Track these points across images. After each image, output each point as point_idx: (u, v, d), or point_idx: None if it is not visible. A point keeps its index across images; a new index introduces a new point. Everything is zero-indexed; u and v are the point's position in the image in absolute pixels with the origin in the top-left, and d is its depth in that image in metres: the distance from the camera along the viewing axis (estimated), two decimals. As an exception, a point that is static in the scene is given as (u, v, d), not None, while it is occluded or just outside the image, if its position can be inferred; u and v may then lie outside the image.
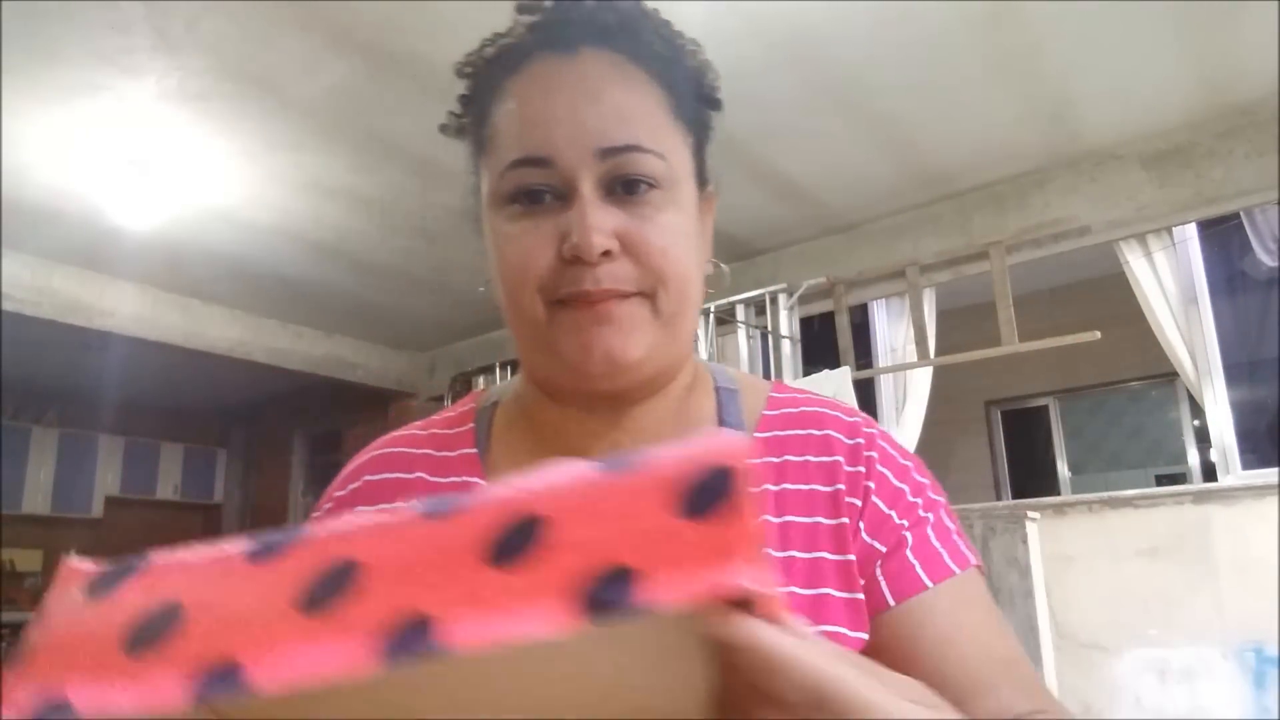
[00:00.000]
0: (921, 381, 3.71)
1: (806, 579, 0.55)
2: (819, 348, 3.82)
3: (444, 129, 0.69)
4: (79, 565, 0.33)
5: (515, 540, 0.29)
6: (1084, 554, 2.90)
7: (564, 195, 0.55)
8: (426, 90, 2.70)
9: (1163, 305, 3.17)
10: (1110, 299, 3.71)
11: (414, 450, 0.67)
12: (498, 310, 0.61)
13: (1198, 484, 3.85)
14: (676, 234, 0.56)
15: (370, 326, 5.03)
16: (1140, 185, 3.16)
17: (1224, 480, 3.03)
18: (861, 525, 0.57)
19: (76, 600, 0.32)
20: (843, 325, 3.75)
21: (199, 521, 6.98)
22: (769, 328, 3.76)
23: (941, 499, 0.61)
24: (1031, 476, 5.22)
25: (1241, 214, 3.11)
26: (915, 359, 3.63)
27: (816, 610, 0.54)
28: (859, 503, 0.58)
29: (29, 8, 2.29)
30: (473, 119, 0.66)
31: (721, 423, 0.63)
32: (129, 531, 6.33)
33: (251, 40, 2.47)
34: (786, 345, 3.72)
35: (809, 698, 0.28)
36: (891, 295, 3.78)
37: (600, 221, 0.53)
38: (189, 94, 2.71)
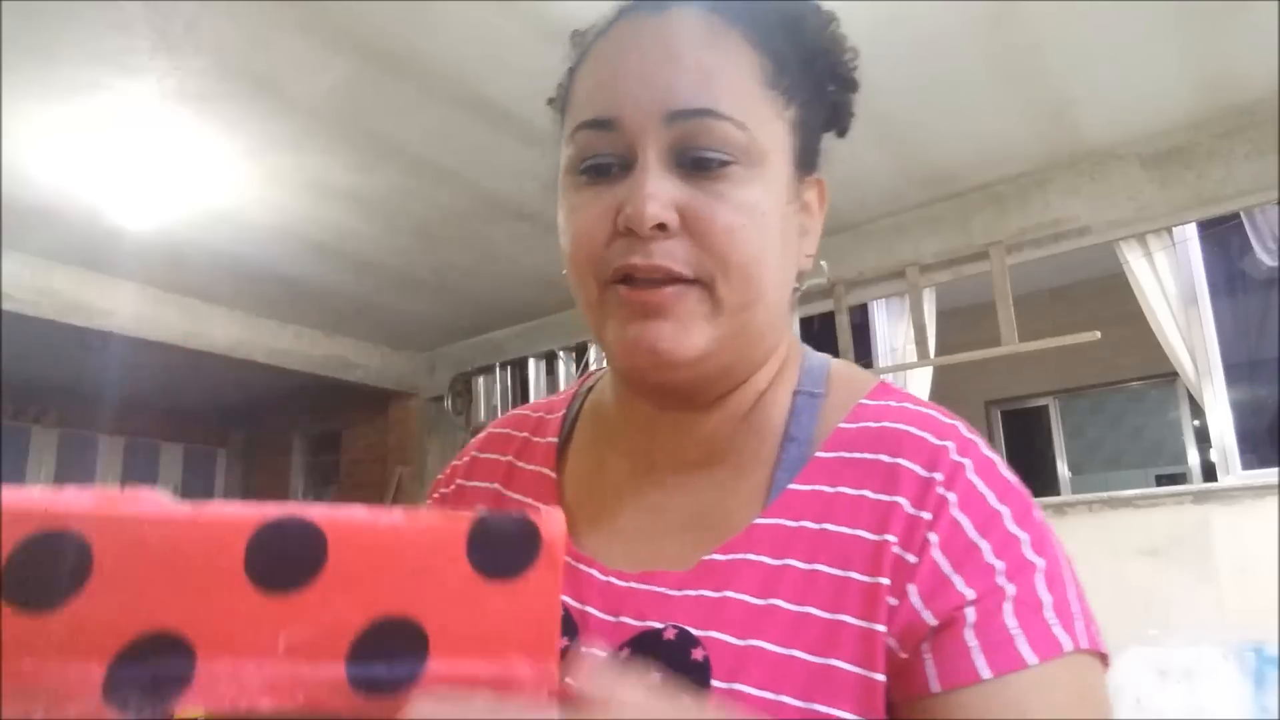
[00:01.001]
0: (921, 381, 3.71)
1: (817, 643, 0.45)
2: (819, 348, 3.73)
3: (551, 102, 0.61)
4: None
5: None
6: (1084, 554, 2.87)
7: (629, 165, 0.49)
8: (426, 90, 2.70)
9: (1163, 305, 3.17)
10: (1110, 299, 3.71)
11: (516, 433, 0.65)
12: (497, 310, 0.59)
13: (1198, 484, 3.85)
14: (751, 215, 0.48)
15: (370, 326, 5.03)
16: (1140, 185, 3.16)
17: (1224, 480, 3.03)
18: (912, 588, 0.45)
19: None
20: (843, 325, 3.75)
21: (199, 521, 6.99)
22: (769, 328, 3.76)
23: (1043, 560, 0.46)
24: (1031, 476, 5.14)
25: (1241, 214, 3.11)
26: (915, 359, 3.63)
27: (817, 683, 0.44)
28: (913, 559, 0.46)
29: (29, 8, 2.29)
30: (562, 86, 0.58)
31: (788, 437, 0.54)
32: (129, 531, 6.34)
33: (251, 40, 2.47)
34: (786, 345, 3.72)
35: None
36: (891, 295, 3.78)
37: (658, 190, 0.47)
38: (189, 94, 2.71)
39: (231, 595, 0.28)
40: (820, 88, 0.56)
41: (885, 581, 0.45)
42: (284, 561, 0.29)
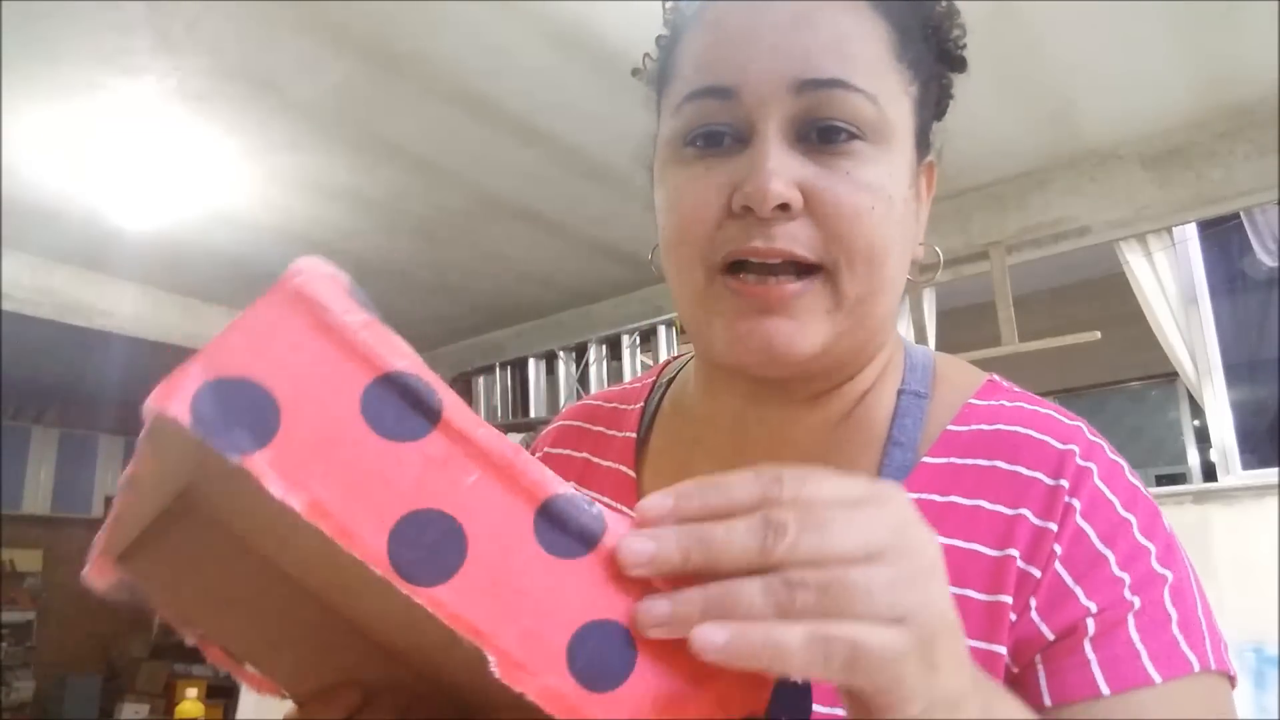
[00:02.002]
0: (921, 381, 3.70)
1: None
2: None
3: (635, 72, 0.56)
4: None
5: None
6: (1084, 554, 2.90)
7: (745, 138, 0.45)
8: (426, 90, 2.70)
9: (1163, 305, 3.17)
10: (1110, 299, 3.71)
11: (590, 426, 0.60)
12: (497, 310, 0.56)
13: (1198, 484, 3.85)
14: (878, 196, 0.45)
15: (370, 326, 5.01)
16: (1140, 185, 3.16)
17: (1224, 480, 3.03)
18: (1033, 601, 0.42)
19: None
20: (843, 325, 3.75)
21: (199, 521, 6.99)
22: (769, 328, 3.75)
23: (1172, 573, 0.43)
24: (1031, 476, 5.20)
25: (1241, 214, 3.11)
26: (915, 359, 3.62)
27: None
28: (1037, 573, 0.42)
29: (29, 8, 2.29)
30: (661, 54, 0.53)
31: (891, 440, 0.49)
32: (129, 531, 6.33)
33: (251, 40, 2.47)
34: (786, 345, 3.72)
35: None
36: (891, 295, 3.78)
37: (782, 166, 0.43)
38: (189, 94, 2.71)
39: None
40: (935, 65, 0.52)
41: (1007, 600, 0.42)
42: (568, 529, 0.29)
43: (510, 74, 2.58)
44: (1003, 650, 0.41)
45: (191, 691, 2.74)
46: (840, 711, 0.39)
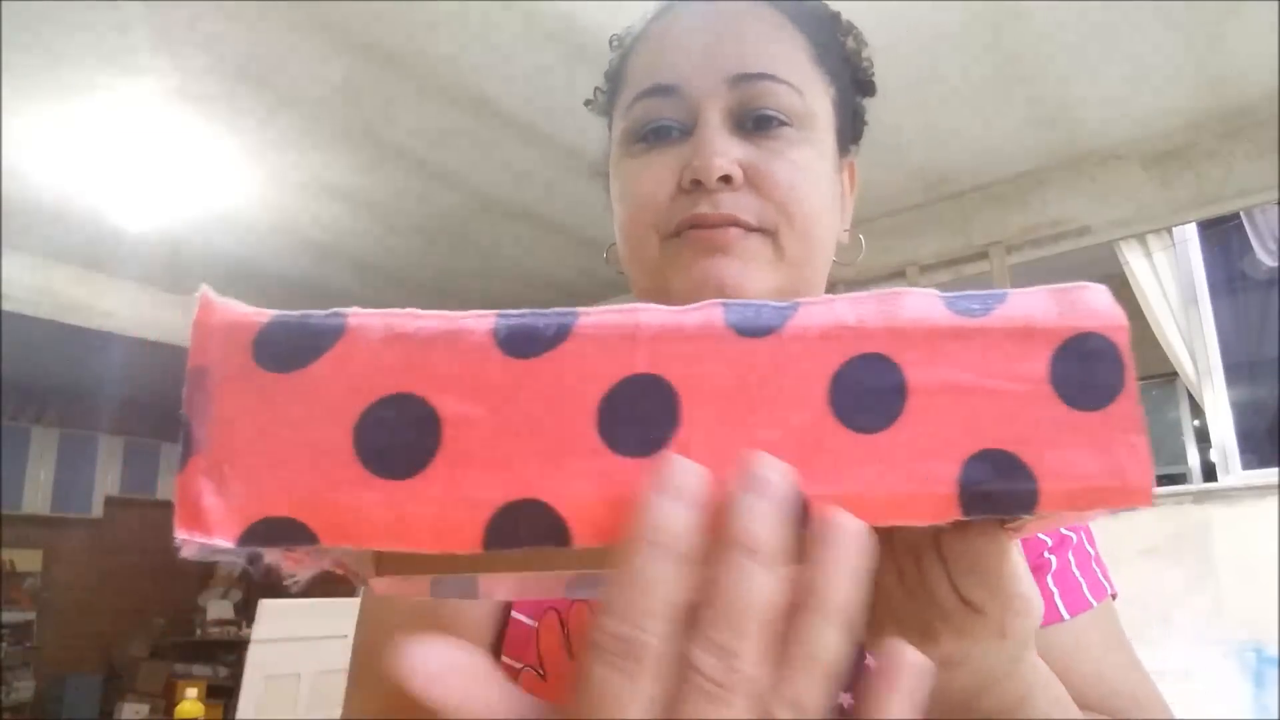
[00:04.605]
0: (921, 381, 3.71)
1: None
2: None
3: (588, 104, 0.63)
4: (230, 306, 0.26)
5: (865, 388, 0.24)
6: (1084, 554, 2.90)
7: (690, 130, 0.51)
8: (426, 90, 2.70)
9: (1163, 305, 3.17)
10: (1110, 299, 3.71)
11: None
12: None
13: (1198, 484, 3.85)
14: (807, 172, 0.51)
15: (370, 326, 5.02)
16: (1140, 185, 3.16)
17: (1224, 480, 3.03)
18: None
19: (249, 368, 0.24)
20: (843, 325, 3.75)
21: (199, 521, 6.98)
22: (769, 328, 3.76)
23: (1074, 534, 0.55)
24: (1031, 476, 5.20)
25: (1241, 214, 3.11)
26: (915, 359, 3.62)
27: None
28: None
29: (29, 8, 2.29)
30: (610, 77, 0.60)
31: None
32: (129, 531, 6.33)
33: (251, 40, 2.47)
34: (786, 345, 3.72)
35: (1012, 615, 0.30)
36: (891, 295, 3.78)
37: (724, 147, 0.49)
38: (189, 94, 2.71)
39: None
40: (848, 84, 0.59)
41: None
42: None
43: (510, 74, 2.58)
44: None
45: (191, 691, 2.74)
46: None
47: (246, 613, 5.73)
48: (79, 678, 5.88)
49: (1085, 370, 0.24)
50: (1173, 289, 3.16)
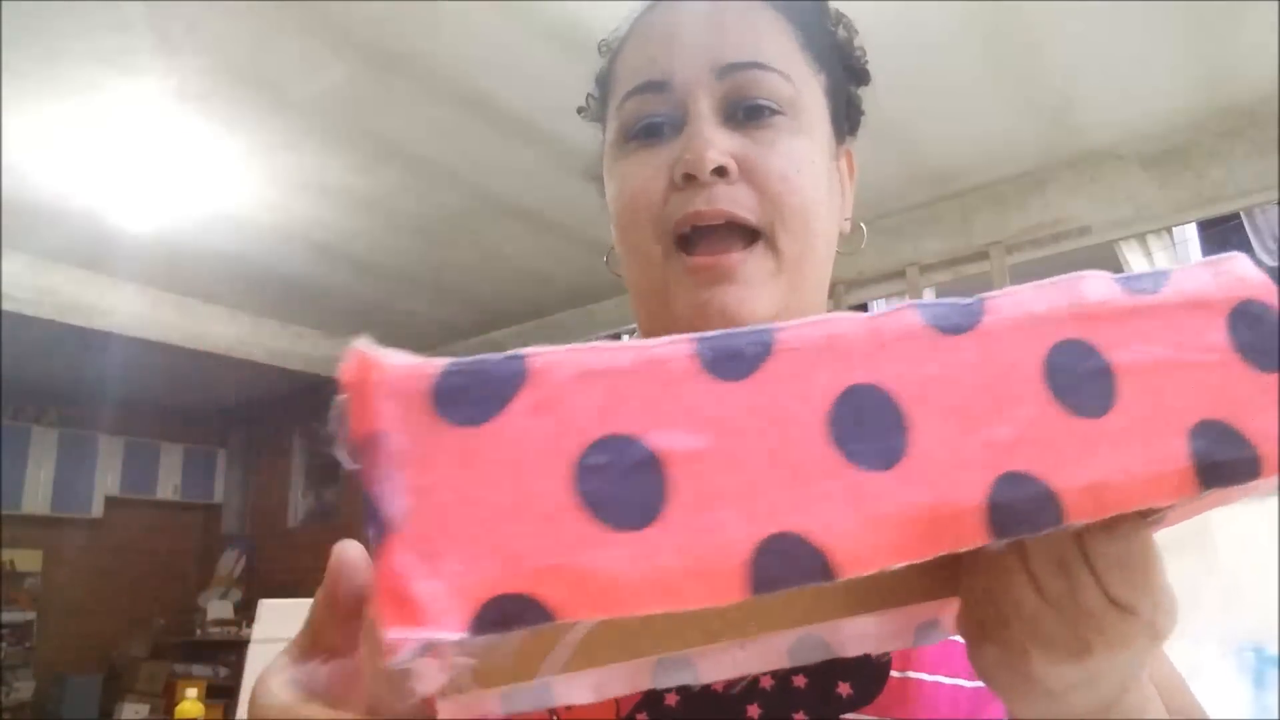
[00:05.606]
0: (921, 381, 3.71)
1: None
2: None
3: (581, 111, 0.63)
4: (393, 360, 0.23)
5: (1078, 373, 0.24)
6: (1084, 554, 2.90)
7: (680, 125, 0.51)
8: (426, 90, 2.70)
9: (1163, 305, 3.16)
10: (1110, 299, 3.71)
11: None
12: (497, 310, 0.57)
13: (1198, 484, 3.85)
14: (801, 162, 0.50)
15: (370, 326, 4.94)
16: (1140, 185, 3.16)
17: (1224, 480, 3.03)
18: None
19: (436, 426, 0.22)
20: (843, 325, 3.75)
21: (199, 521, 6.98)
22: (769, 328, 3.75)
23: None
24: (1031, 476, 5.20)
25: (1241, 214, 3.11)
26: (915, 359, 3.62)
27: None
28: None
29: (29, 8, 2.29)
30: (601, 81, 0.60)
31: None
32: (129, 531, 6.33)
33: (251, 40, 2.47)
34: (786, 345, 3.72)
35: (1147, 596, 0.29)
36: (891, 295, 3.78)
37: (715, 139, 0.49)
38: (189, 94, 2.71)
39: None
40: (840, 71, 0.59)
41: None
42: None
43: (510, 74, 2.58)
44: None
45: (191, 691, 2.74)
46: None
47: (246, 613, 5.72)
48: (79, 678, 5.88)
49: (1257, 334, 0.25)
50: (1173, 289, 3.16)
